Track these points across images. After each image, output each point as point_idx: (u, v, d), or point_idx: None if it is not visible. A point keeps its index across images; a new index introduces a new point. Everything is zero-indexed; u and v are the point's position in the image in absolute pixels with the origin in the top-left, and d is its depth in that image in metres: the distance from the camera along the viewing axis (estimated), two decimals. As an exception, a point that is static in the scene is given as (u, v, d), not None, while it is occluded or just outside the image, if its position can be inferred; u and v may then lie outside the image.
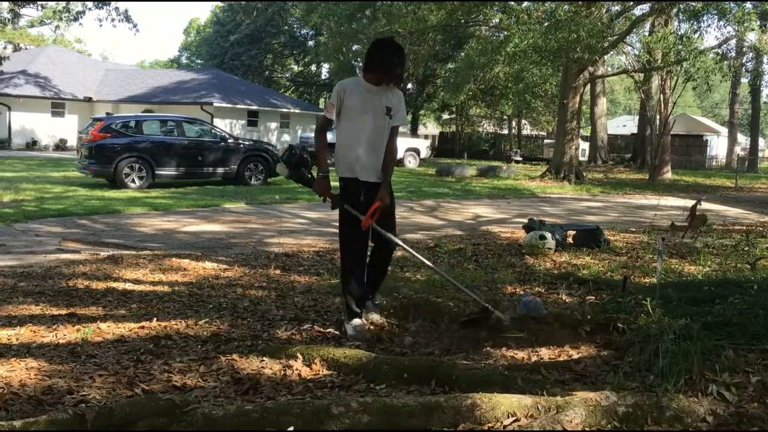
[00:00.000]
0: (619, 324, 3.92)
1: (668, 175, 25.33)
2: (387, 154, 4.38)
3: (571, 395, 2.87)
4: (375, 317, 4.49)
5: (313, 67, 54.26)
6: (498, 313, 4.20)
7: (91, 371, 3.48)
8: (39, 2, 32.76)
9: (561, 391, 3.00)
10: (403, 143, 30.51)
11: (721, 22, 19.79)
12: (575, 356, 3.77)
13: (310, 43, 50.54)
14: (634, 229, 9.91)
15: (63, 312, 4.66)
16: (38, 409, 2.96)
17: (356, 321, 4.31)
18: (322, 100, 55.14)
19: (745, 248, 7.47)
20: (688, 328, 3.42)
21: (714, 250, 7.69)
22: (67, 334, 4.16)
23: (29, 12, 36.67)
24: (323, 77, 53.13)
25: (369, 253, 4.55)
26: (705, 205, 9.90)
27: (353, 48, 32.56)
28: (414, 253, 4.68)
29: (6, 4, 28.71)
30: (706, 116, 64.99)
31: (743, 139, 46.17)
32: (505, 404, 2.76)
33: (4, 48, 37.58)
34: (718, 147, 41.96)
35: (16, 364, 3.54)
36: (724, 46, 22.01)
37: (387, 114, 4.34)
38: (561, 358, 3.76)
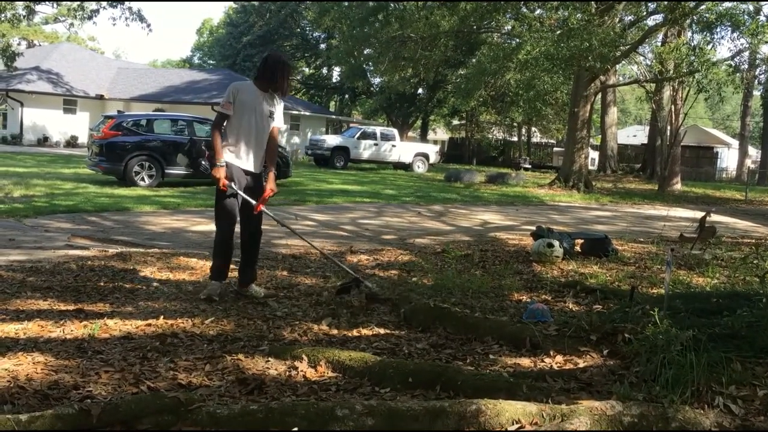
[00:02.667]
0: (625, 334, 3.90)
1: (678, 186, 25.25)
2: (269, 150, 5.24)
3: (577, 404, 2.86)
4: (257, 289, 5.34)
5: (325, 70, 54.38)
6: (366, 282, 5.24)
7: (98, 367, 3.50)
8: (54, 0, 33.00)
9: (566, 400, 2.99)
10: (412, 148, 30.55)
11: (735, 34, 19.73)
12: (581, 365, 3.76)
13: (322, 46, 50.68)
14: (642, 240, 9.87)
15: (70, 308, 4.68)
16: (44, 403, 2.97)
17: (215, 282, 5.18)
18: (332, 103, 55.27)
19: (755, 261, 7.43)
20: (695, 340, 3.40)
21: (723, 263, 7.65)
22: (74, 329, 4.18)
23: (44, 9, 36.92)
24: (334, 80, 53.22)
25: (242, 237, 5.34)
26: (714, 217, 9.85)
27: (365, 51, 32.61)
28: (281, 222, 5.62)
29: (21, 2, 28.91)
30: (717, 128, 64.78)
31: (754, 152, 45.95)
32: (510, 411, 2.75)
33: (18, 44, 37.82)
34: (728, 159, 41.81)
35: (23, 359, 3.57)
36: (737, 58, 21.94)
37: (270, 116, 5.20)
38: (567, 367, 3.75)
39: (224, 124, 5.15)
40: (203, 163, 5.42)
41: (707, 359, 3.27)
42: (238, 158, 5.13)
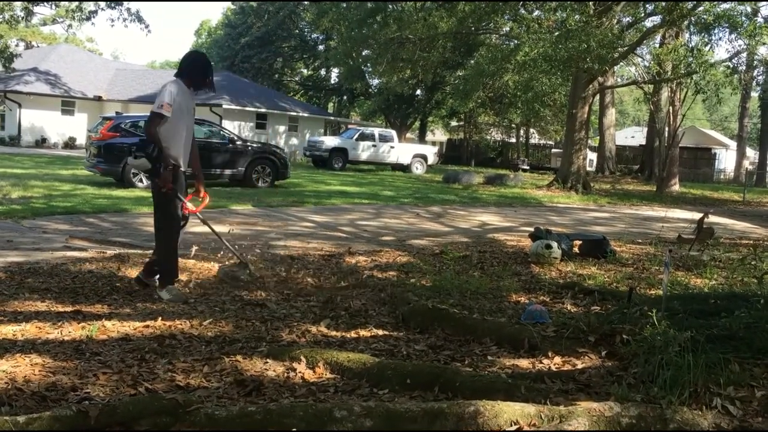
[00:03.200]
0: (624, 335, 3.90)
1: (676, 187, 25.26)
2: (194, 148, 5.41)
3: (575, 405, 2.86)
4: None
5: (323, 72, 54.37)
6: (252, 267, 5.91)
7: (96, 369, 3.49)
8: (52, 1, 32.99)
9: (564, 401, 2.99)
10: (410, 149, 30.56)
11: (733, 36, 19.80)
12: (579, 366, 3.76)
13: (321, 47, 50.66)
14: (640, 241, 9.88)
15: (68, 309, 4.68)
16: (42, 405, 2.97)
17: (171, 286, 5.19)
18: (331, 105, 55.27)
19: (752, 262, 7.43)
20: (693, 341, 3.41)
21: (721, 264, 7.66)
22: (72, 331, 4.17)
23: (42, 10, 36.92)
24: (332, 81, 53.22)
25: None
26: (712, 219, 9.85)
27: (363, 53, 32.62)
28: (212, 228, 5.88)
29: (19, 3, 28.90)
30: (715, 129, 64.84)
31: (752, 153, 46.03)
32: (509, 412, 2.76)
33: (16, 45, 37.78)
34: (726, 160, 41.92)
35: (21, 360, 3.56)
36: (735, 59, 21.98)
37: (194, 114, 5.39)
38: (565, 368, 3.75)
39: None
40: (157, 166, 5.19)
41: (705, 360, 3.28)
42: (178, 160, 5.17)
